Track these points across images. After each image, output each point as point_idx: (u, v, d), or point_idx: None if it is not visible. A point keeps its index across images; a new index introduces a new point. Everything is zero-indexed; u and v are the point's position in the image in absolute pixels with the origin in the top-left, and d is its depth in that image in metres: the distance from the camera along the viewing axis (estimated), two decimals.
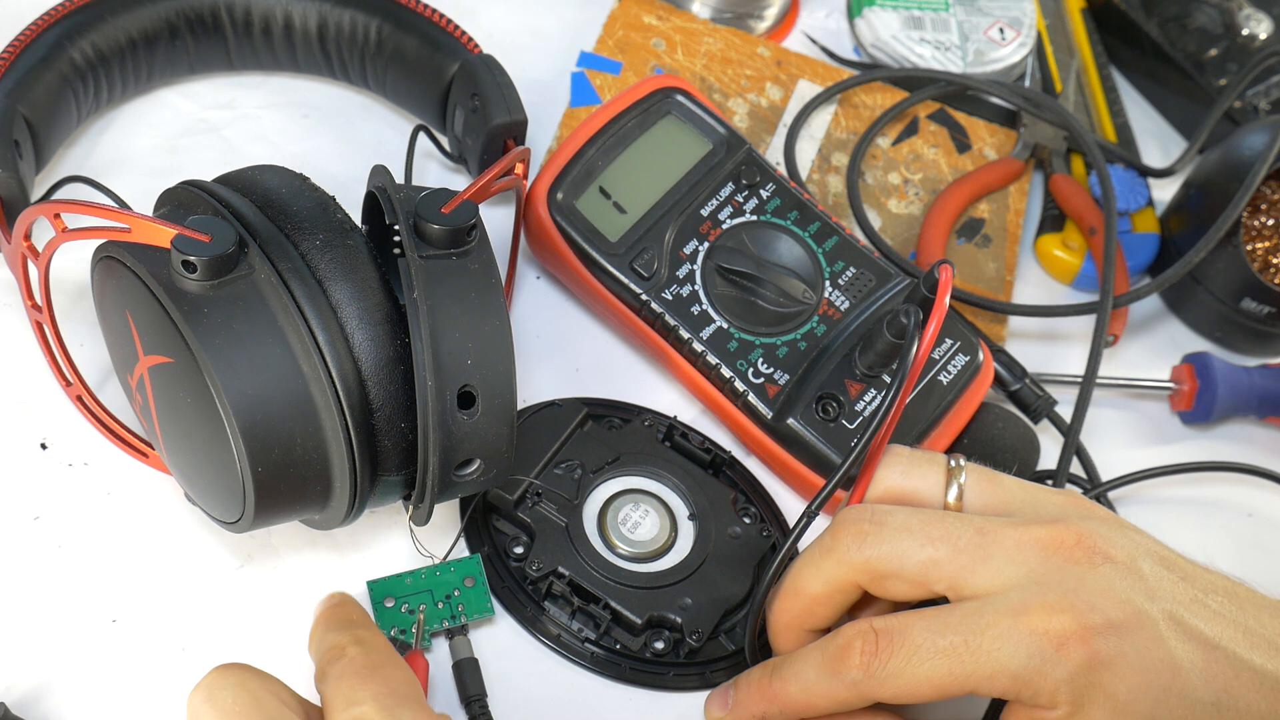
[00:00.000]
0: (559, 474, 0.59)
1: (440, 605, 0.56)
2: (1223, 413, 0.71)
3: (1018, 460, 0.64)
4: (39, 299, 0.55)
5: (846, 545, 0.49)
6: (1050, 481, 0.66)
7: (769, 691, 0.50)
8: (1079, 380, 0.69)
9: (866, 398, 0.62)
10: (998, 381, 0.68)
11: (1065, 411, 0.68)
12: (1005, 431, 0.65)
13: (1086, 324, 0.74)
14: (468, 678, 0.54)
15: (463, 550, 0.58)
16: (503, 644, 0.56)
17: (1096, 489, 0.67)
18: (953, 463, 0.52)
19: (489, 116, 0.64)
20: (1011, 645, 0.46)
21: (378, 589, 0.55)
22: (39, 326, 0.57)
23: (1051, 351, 0.73)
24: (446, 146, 0.69)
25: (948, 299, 0.55)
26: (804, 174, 0.74)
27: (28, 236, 0.54)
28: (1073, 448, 0.67)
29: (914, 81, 0.78)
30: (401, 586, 0.56)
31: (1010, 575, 0.47)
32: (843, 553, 0.49)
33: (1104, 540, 0.48)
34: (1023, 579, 0.47)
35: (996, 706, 0.53)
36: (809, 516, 0.54)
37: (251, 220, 0.49)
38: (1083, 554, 0.47)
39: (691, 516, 0.60)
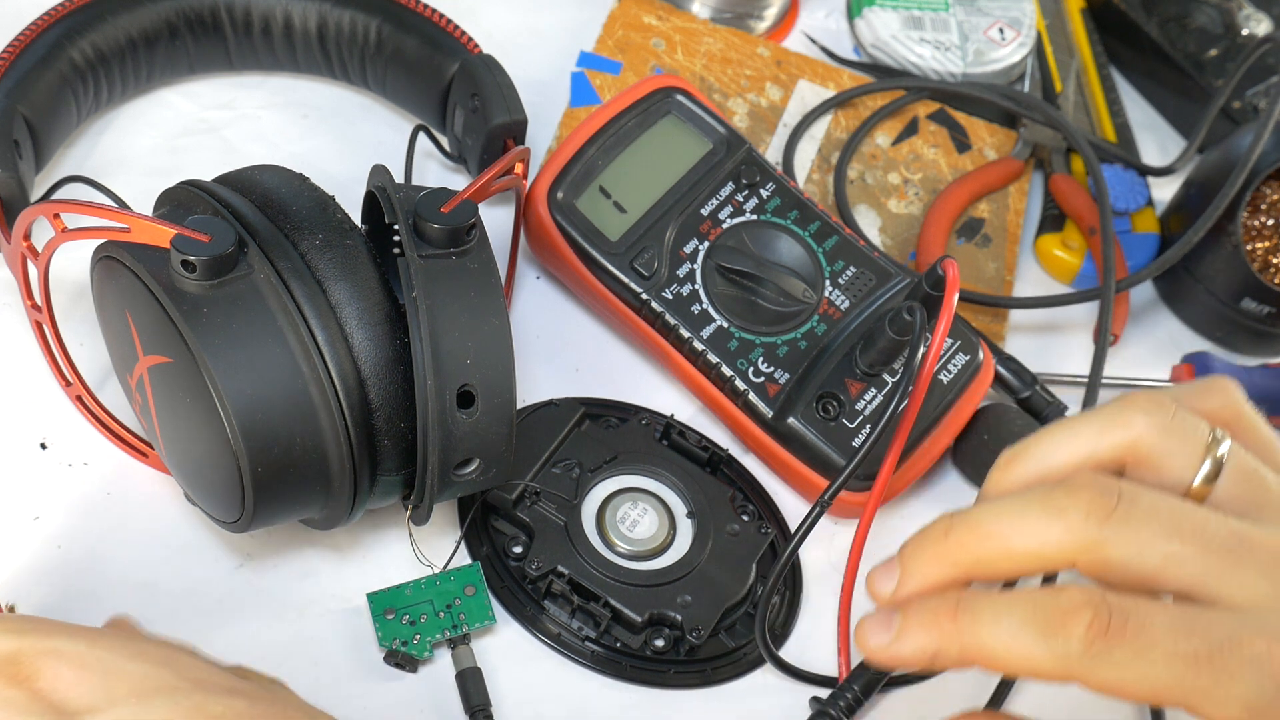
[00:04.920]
0: (557, 473, 0.59)
1: (441, 615, 0.55)
2: None
3: None
4: (39, 299, 0.55)
5: (1086, 515, 0.41)
6: None
7: (955, 625, 0.41)
8: (1081, 381, 0.69)
9: (867, 397, 0.62)
10: (1007, 389, 0.68)
11: (1069, 413, 0.68)
12: (1024, 430, 0.65)
13: (1085, 322, 0.74)
14: (471, 688, 0.54)
15: (463, 557, 0.58)
16: (503, 644, 0.56)
17: None
18: (1211, 435, 0.42)
19: (489, 116, 0.64)
20: (1261, 675, 0.39)
21: (377, 601, 0.55)
22: (39, 326, 0.57)
23: (1050, 352, 0.73)
24: (446, 146, 0.69)
25: (956, 295, 0.56)
26: (804, 174, 0.74)
27: (27, 236, 0.54)
28: None
29: (903, 85, 0.79)
30: (401, 598, 0.56)
31: (1266, 592, 0.40)
32: (1077, 522, 0.41)
33: None
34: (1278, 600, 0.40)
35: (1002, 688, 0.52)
36: (822, 505, 0.54)
37: (251, 220, 0.49)
38: None
39: (690, 514, 0.60)
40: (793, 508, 0.64)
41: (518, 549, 0.57)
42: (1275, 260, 0.74)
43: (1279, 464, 0.43)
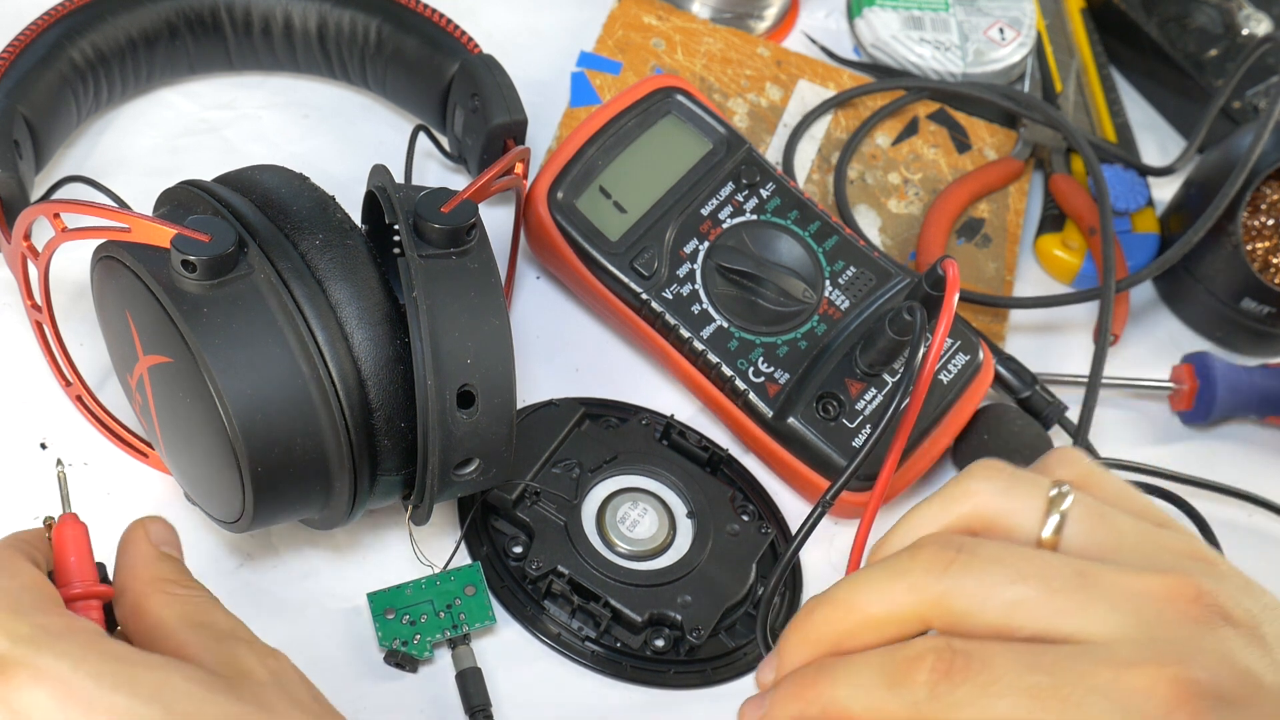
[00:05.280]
0: (557, 473, 0.59)
1: (441, 615, 0.55)
2: (1222, 413, 0.71)
3: (1035, 457, 0.64)
4: (39, 299, 0.55)
5: (926, 570, 0.42)
6: None
7: (814, 690, 0.43)
8: (1081, 381, 0.69)
9: (867, 396, 0.62)
10: (1007, 389, 0.68)
11: (1069, 413, 0.68)
12: (1024, 430, 0.65)
13: (1084, 322, 0.74)
14: (471, 688, 0.54)
15: (463, 557, 0.58)
16: (503, 644, 0.56)
17: None
18: (1054, 490, 0.43)
19: (489, 116, 0.64)
20: (1108, 703, 0.39)
21: (378, 601, 0.55)
22: (39, 326, 0.57)
23: (1050, 352, 0.73)
24: (446, 146, 0.69)
25: (956, 295, 0.56)
26: (804, 174, 0.74)
27: (28, 236, 0.54)
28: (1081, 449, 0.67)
29: (903, 85, 0.79)
30: (402, 597, 0.56)
31: (1115, 625, 0.40)
32: (919, 578, 0.42)
33: (1226, 599, 0.41)
34: (1130, 631, 0.40)
35: None
36: (824, 505, 0.54)
37: (251, 220, 0.49)
38: (1201, 612, 0.40)
39: (690, 514, 0.60)
40: (793, 508, 0.64)
41: (518, 549, 0.57)
42: (1275, 260, 0.74)
43: (1134, 508, 0.44)
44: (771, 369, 0.62)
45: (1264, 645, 0.41)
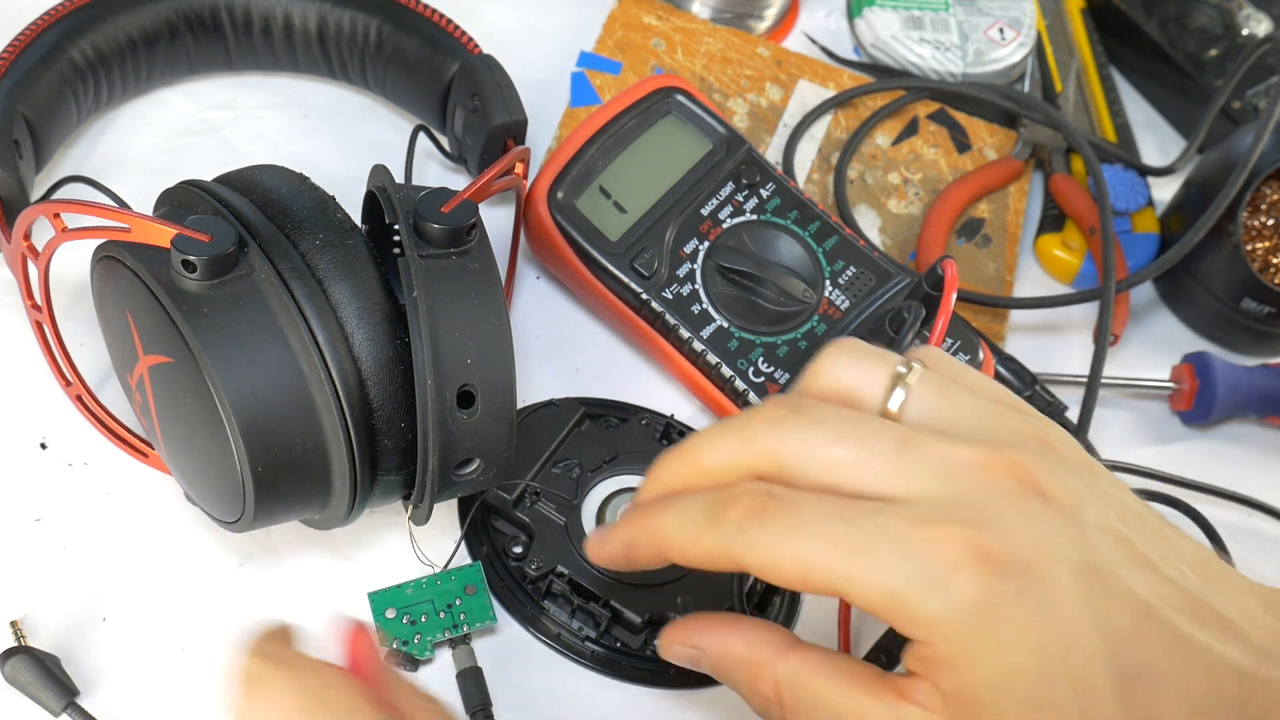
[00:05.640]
0: (557, 473, 0.59)
1: (442, 615, 0.55)
2: (1222, 413, 0.71)
3: None
4: (39, 299, 0.55)
5: (758, 426, 0.44)
6: None
7: (645, 518, 0.46)
8: (1081, 381, 0.69)
9: None
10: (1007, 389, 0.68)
11: (1068, 412, 0.68)
12: None
13: (1085, 322, 0.74)
14: (471, 688, 0.54)
15: (463, 557, 0.58)
16: (503, 644, 0.56)
17: None
18: (902, 367, 0.45)
19: (489, 116, 0.64)
20: (898, 554, 0.40)
21: (378, 600, 0.55)
22: (39, 326, 0.57)
23: (1050, 352, 0.73)
24: (446, 146, 0.69)
25: (954, 295, 0.56)
26: (804, 174, 0.74)
27: (28, 236, 0.54)
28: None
29: (903, 85, 0.79)
30: (402, 597, 0.56)
31: (924, 488, 0.42)
32: (751, 431, 0.44)
33: (1046, 476, 0.42)
34: (936, 494, 0.42)
35: None
36: None
37: (251, 220, 0.49)
38: (1013, 485, 0.42)
39: None
40: None
41: (518, 549, 0.57)
42: (1275, 260, 0.74)
43: (984, 391, 0.46)
44: (771, 369, 0.62)
45: (1078, 524, 0.42)
